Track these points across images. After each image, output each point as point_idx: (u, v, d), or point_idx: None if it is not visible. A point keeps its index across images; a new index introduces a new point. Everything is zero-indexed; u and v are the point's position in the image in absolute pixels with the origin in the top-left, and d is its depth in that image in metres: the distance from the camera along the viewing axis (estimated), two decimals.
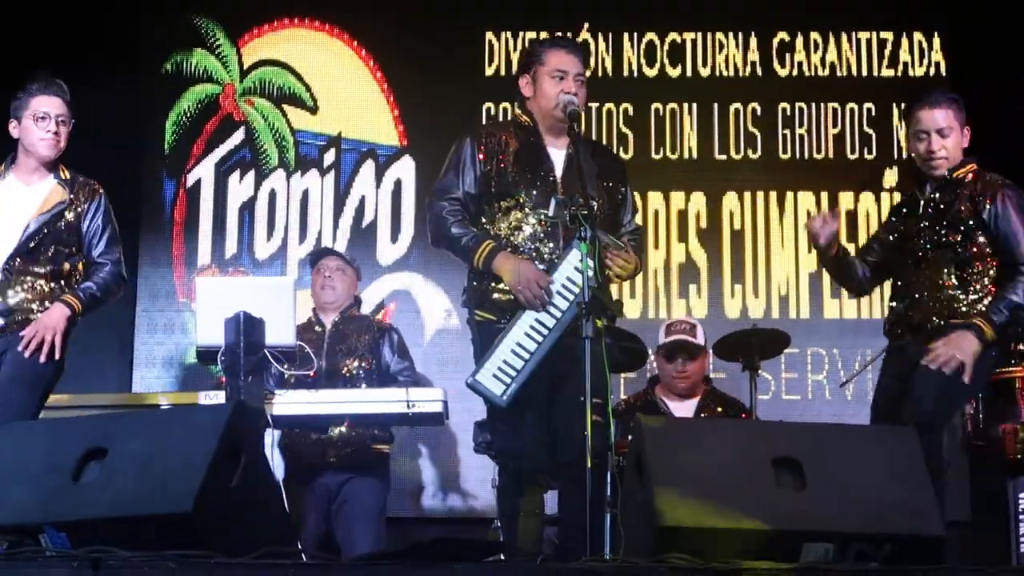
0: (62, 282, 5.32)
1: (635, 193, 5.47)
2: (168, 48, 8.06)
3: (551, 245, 4.86)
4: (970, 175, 5.18)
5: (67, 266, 5.35)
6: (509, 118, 5.29)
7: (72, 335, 5.29)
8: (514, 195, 4.92)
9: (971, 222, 5.09)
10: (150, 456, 4.11)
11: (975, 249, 5.10)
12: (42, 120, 5.32)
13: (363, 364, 6.47)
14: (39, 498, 4.12)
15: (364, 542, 6.31)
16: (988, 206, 5.08)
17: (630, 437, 4.67)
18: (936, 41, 8.02)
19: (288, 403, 5.78)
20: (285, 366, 5.78)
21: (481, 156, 4.97)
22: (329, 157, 8.01)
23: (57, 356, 5.18)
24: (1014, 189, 5.15)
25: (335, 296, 6.63)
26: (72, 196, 5.37)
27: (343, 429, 6.33)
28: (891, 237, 5.36)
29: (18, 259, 5.26)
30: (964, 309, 5.06)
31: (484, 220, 4.97)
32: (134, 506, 3.98)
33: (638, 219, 5.56)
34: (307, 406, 5.86)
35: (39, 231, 5.29)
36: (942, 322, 5.07)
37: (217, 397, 5.74)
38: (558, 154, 4.98)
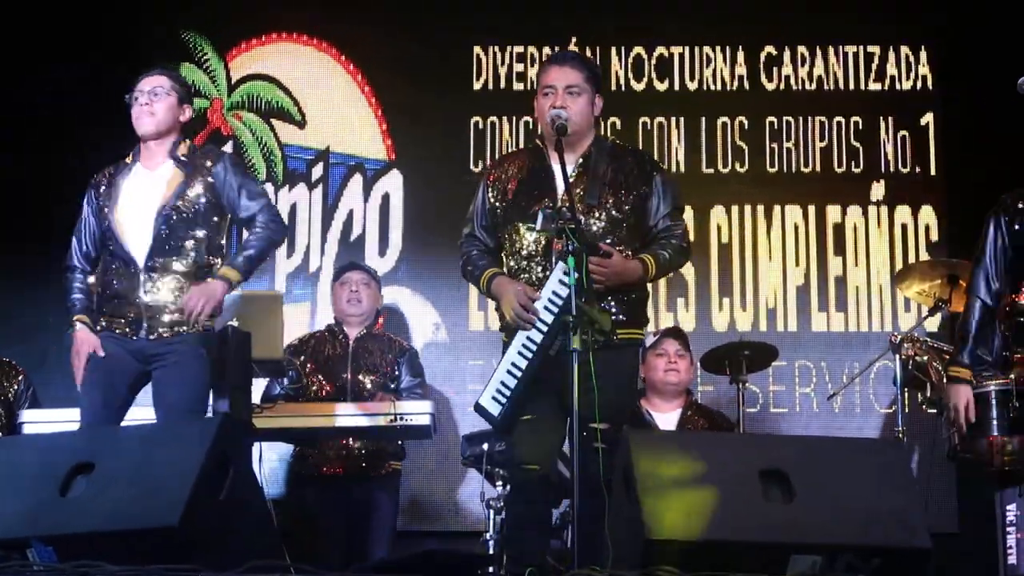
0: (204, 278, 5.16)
1: None
2: (156, 62, 8.03)
3: (545, 263, 4.86)
4: None
5: (208, 259, 5.19)
6: (531, 146, 5.33)
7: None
8: (515, 220, 4.95)
9: None
10: (138, 470, 4.10)
11: None
12: (137, 99, 5.25)
13: (384, 380, 6.53)
14: (26, 512, 4.11)
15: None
16: None
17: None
18: (923, 54, 8.05)
19: (276, 417, 5.78)
20: (297, 383, 5.81)
21: (490, 190, 5.05)
22: (317, 171, 8.02)
23: (200, 321, 5.06)
24: None
25: (361, 309, 6.72)
26: (190, 171, 5.22)
27: (362, 441, 6.40)
28: None
29: (157, 257, 5.13)
30: None
31: (503, 249, 5.04)
32: (122, 520, 3.97)
33: None
34: (296, 419, 5.86)
35: (167, 218, 5.14)
36: None
37: None
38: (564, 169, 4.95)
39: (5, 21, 7.47)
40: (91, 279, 5.23)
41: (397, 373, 6.63)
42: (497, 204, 5.01)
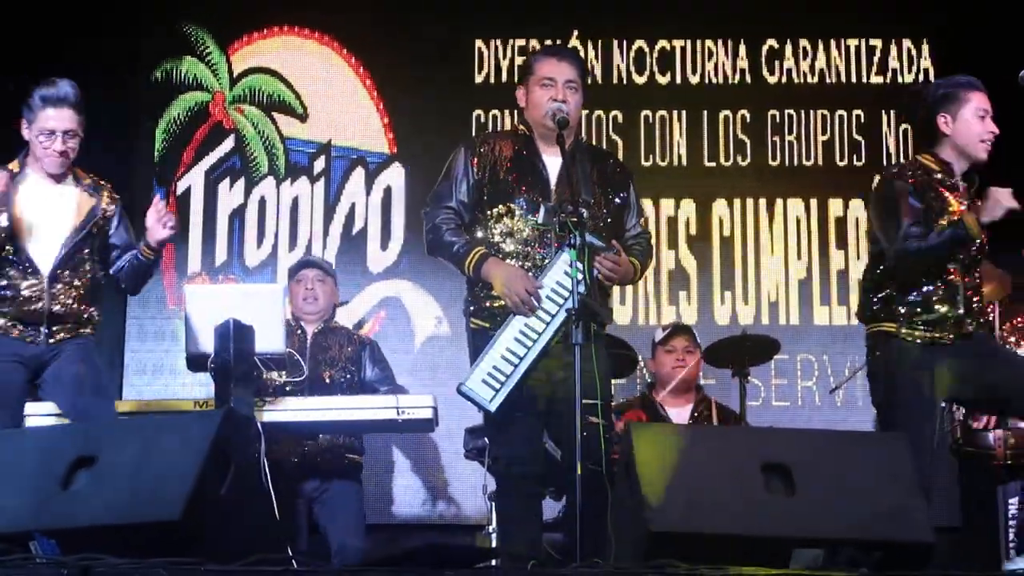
0: (95, 292, 5.40)
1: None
2: (158, 56, 8.06)
3: (541, 251, 4.87)
4: None
5: (100, 275, 5.44)
6: (509, 128, 5.32)
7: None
8: (506, 202, 4.93)
9: None
10: (140, 464, 4.10)
11: None
12: (48, 137, 5.22)
13: (344, 375, 6.49)
14: (29, 505, 4.11)
15: (350, 531, 6.35)
16: None
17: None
18: (925, 47, 8.05)
19: (278, 410, 5.77)
20: (273, 373, 5.78)
21: (475, 165, 5.01)
22: (319, 164, 8.01)
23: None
24: None
25: (317, 307, 6.65)
26: (98, 203, 5.39)
27: (319, 439, 6.34)
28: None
29: (60, 270, 5.27)
30: None
31: (477, 228, 5.00)
32: (124, 514, 3.97)
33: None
34: (297, 413, 5.85)
35: (82, 243, 5.33)
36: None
37: (207, 405, 5.73)
38: (553, 161, 4.98)
39: (5, 21, 7.45)
40: None
41: (354, 367, 6.56)
42: (486, 182, 4.99)
